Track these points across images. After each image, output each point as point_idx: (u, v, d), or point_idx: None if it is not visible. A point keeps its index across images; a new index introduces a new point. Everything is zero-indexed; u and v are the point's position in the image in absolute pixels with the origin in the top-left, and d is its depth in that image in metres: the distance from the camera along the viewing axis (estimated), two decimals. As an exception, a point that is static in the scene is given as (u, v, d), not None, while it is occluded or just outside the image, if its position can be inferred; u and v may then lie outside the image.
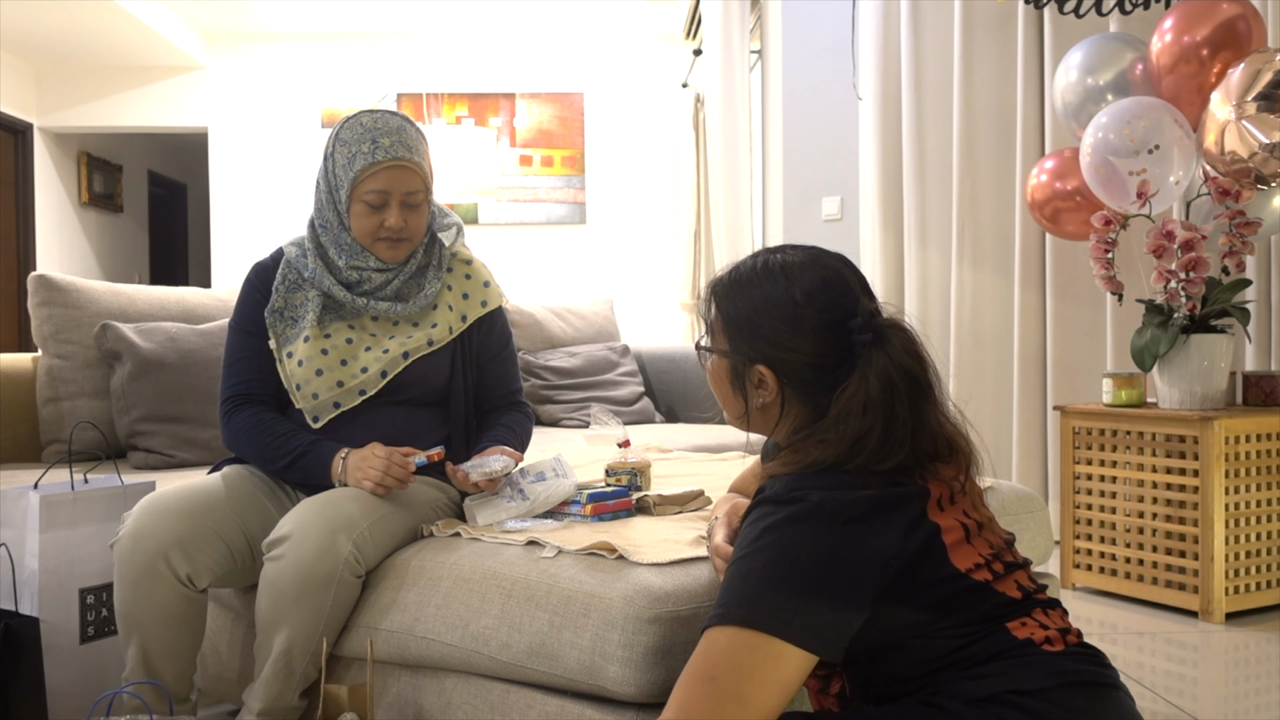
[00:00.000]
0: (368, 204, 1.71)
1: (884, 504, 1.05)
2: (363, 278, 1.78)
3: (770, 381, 1.17)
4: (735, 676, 0.97)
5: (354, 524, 1.56)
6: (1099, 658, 1.08)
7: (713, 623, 1.01)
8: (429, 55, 6.96)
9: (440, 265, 1.85)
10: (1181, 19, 2.73)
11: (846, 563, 1.01)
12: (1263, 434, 2.69)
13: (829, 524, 1.02)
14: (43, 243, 6.91)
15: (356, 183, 1.70)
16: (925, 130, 3.86)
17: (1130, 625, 2.63)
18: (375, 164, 1.69)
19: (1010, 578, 1.10)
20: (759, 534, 1.04)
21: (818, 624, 0.99)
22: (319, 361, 1.74)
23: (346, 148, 1.71)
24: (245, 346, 1.80)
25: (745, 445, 1.28)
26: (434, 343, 1.80)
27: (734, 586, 1.02)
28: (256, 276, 1.83)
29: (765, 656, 0.98)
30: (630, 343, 4.08)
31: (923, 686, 1.05)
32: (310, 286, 1.78)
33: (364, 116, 1.72)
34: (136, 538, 1.57)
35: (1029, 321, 3.57)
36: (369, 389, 1.74)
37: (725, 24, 4.97)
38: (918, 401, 1.10)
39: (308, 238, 1.81)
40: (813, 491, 1.04)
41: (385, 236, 1.74)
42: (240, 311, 1.83)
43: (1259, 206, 2.76)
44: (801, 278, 1.17)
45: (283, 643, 1.53)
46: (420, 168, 1.73)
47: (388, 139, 1.69)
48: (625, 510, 1.72)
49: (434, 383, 1.81)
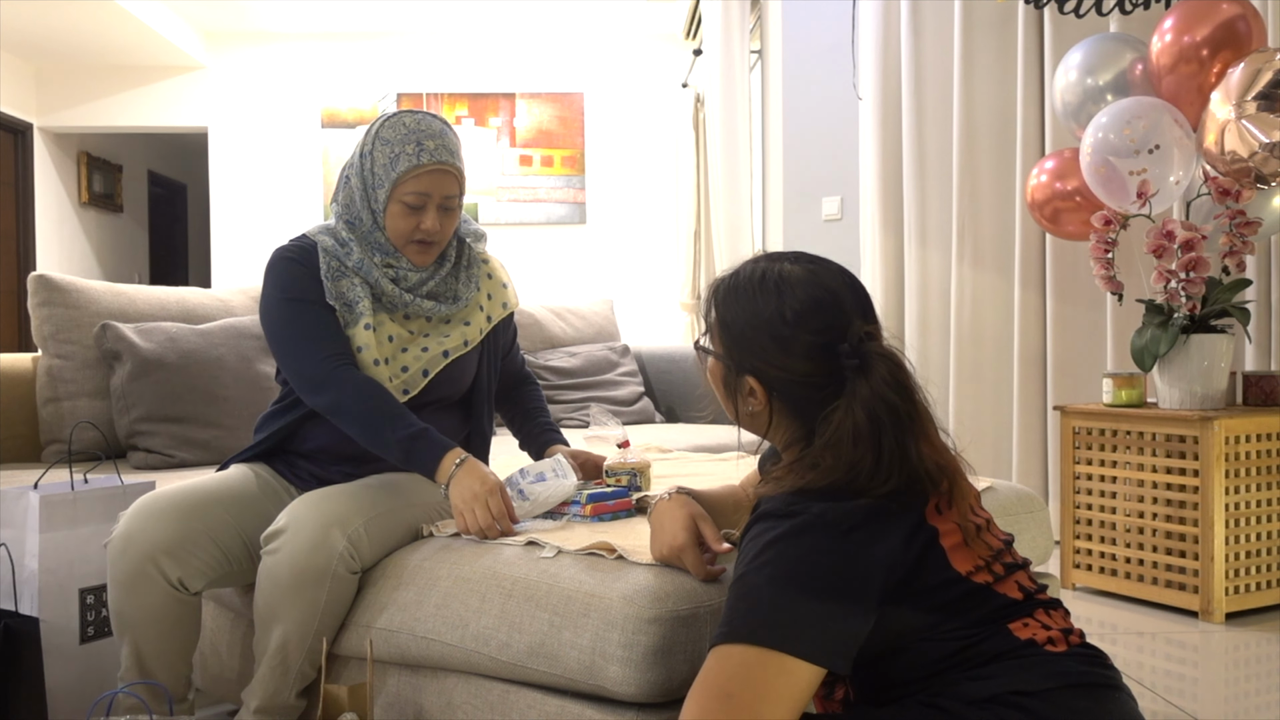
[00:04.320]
0: (406, 205, 1.69)
1: (883, 511, 1.05)
2: (400, 275, 1.76)
3: (759, 393, 1.17)
4: (751, 695, 0.97)
5: (348, 519, 1.56)
6: (1102, 659, 1.08)
7: (720, 640, 1.01)
8: (429, 55, 6.96)
9: (470, 266, 1.86)
10: (1181, 19, 2.73)
11: (850, 572, 1.01)
12: (1263, 434, 2.69)
13: (830, 534, 1.02)
14: (43, 243, 6.91)
15: (398, 183, 1.68)
16: (925, 130, 3.86)
17: (1130, 625, 2.63)
18: (419, 166, 1.67)
19: (1011, 579, 1.10)
20: (761, 549, 1.04)
21: (825, 637, 0.99)
22: (376, 351, 1.70)
23: (389, 147, 1.68)
24: (320, 319, 1.68)
25: (740, 446, 1.28)
26: (469, 343, 1.81)
27: (740, 603, 1.02)
28: (298, 254, 1.72)
29: (777, 672, 0.97)
30: (630, 343, 4.08)
31: (925, 688, 1.05)
32: (353, 274, 1.73)
33: (406, 117, 1.70)
34: (127, 540, 1.57)
35: (1029, 321, 3.57)
36: (412, 388, 1.73)
37: (725, 24, 4.97)
38: (900, 434, 1.08)
39: (343, 230, 1.75)
40: (812, 504, 1.04)
41: (419, 239, 1.72)
42: (296, 285, 1.69)
43: (1259, 206, 2.76)
44: (795, 296, 1.16)
45: (278, 638, 1.53)
46: (460, 173, 1.73)
47: (432, 142, 1.67)
48: (625, 510, 1.72)
49: (461, 384, 1.82)
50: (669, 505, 1.37)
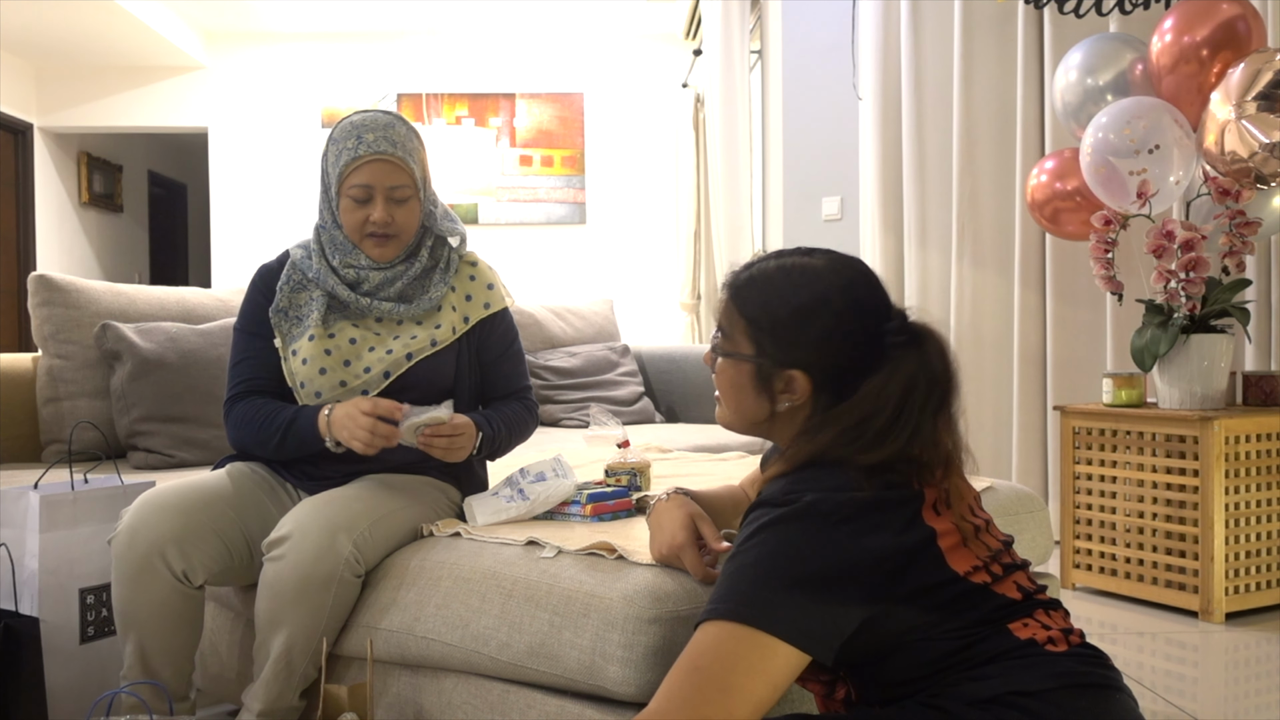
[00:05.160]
0: (353, 198, 1.73)
1: (876, 506, 1.05)
2: (361, 277, 1.79)
3: (802, 385, 1.16)
4: (719, 667, 0.98)
5: (354, 524, 1.56)
6: (1102, 659, 1.08)
7: (703, 618, 1.03)
8: (429, 55, 6.96)
9: (447, 268, 1.86)
10: (1181, 19, 2.73)
11: (835, 561, 1.02)
12: (1263, 434, 2.69)
13: (820, 523, 1.03)
14: (43, 243, 6.91)
15: (343, 178, 1.73)
16: (925, 130, 3.86)
17: (1130, 625, 2.63)
18: (358, 158, 1.71)
19: (1009, 579, 1.10)
20: (752, 533, 1.05)
21: (804, 620, 1.00)
22: (323, 360, 1.74)
23: (336, 145, 1.74)
24: (248, 346, 1.81)
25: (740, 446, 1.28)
26: (437, 343, 1.80)
27: (725, 583, 1.04)
28: (261, 279, 1.85)
29: (751, 648, 0.99)
30: (630, 343, 4.08)
31: (926, 688, 1.05)
32: (315, 286, 1.79)
33: (355, 115, 1.76)
34: (133, 533, 1.58)
35: (1029, 321, 3.57)
36: (371, 389, 1.75)
37: (725, 24, 4.97)
38: (928, 405, 1.10)
39: (312, 240, 1.83)
40: (806, 493, 1.05)
41: (372, 232, 1.75)
42: (245, 313, 1.84)
43: (1259, 206, 2.76)
44: (836, 280, 1.16)
45: (283, 643, 1.53)
46: (405, 163, 1.73)
47: (371, 134, 1.71)
48: (625, 510, 1.72)
49: (439, 384, 1.81)
50: (667, 505, 1.37)
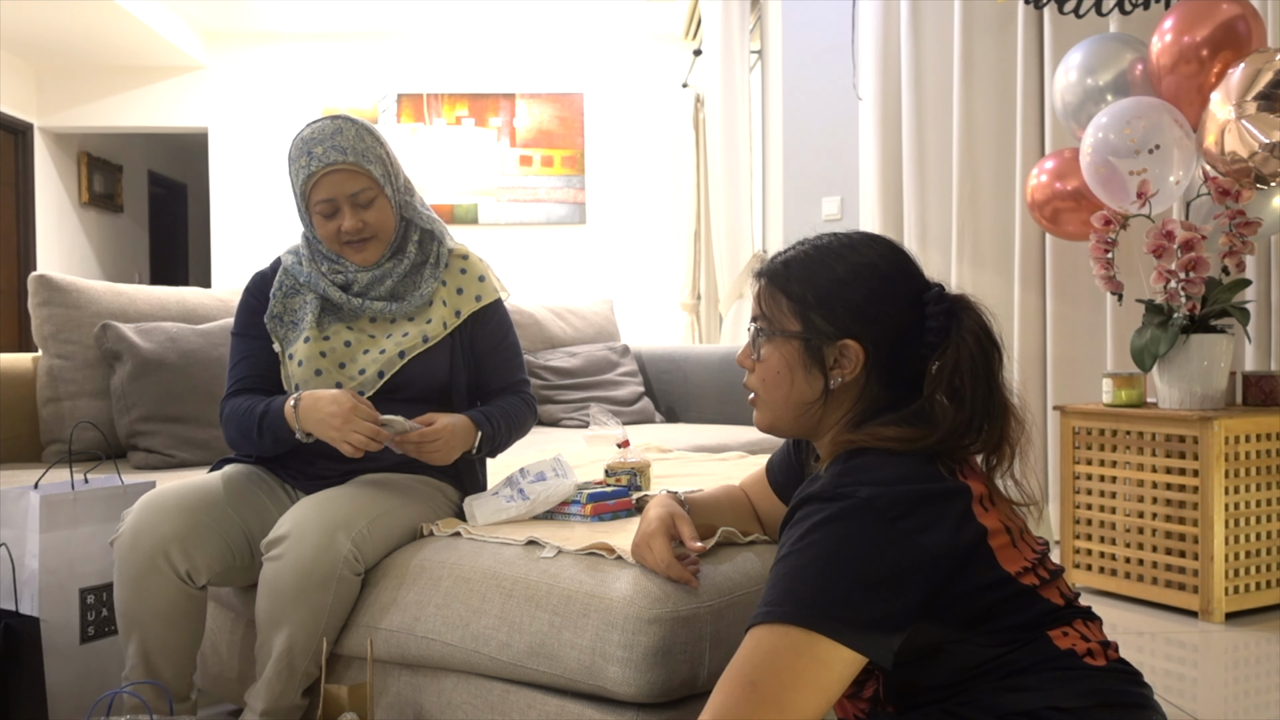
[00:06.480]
0: (321, 214, 1.74)
1: (932, 498, 1.01)
2: (351, 279, 1.79)
3: (856, 355, 1.11)
4: (776, 682, 0.93)
5: (353, 522, 1.56)
6: (1136, 676, 1.06)
7: (757, 620, 0.97)
8: (429, 55, 6.96)
9: (437, 263, 1.85)
10: (1181, 19, 2.73)
11: (896, 561, 0.97)
12: (1263, 434, 2.69)
13: (878, 521, 0.98)
14: (43, 243, 6.91)
15: (307, 197, 1.74)
16: (925, 130, 3.86)
17: (1130, 625, 2.63)
18: (312, 175, 1.71)
19: (1054, 584, 1.07)
20: (806, 531, 1.00)
21: (867, 624, 0.95)
22: (318, 363, 1.75)
23: (294, 165, 1.74)
24: (244, 349, 1.82)
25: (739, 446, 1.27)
26: (429, 339, 1.80)
27: (779, 584, 0.98)
28: (255, 285, 1.86)
29: (810, 659, 0.94)
30: (630, 343, 4.08)
31: (958, 693, 1.02)
32: (307, 290, 1.80)
33: (304, 130, 1.74)
34: (136, 534, 1.58)
35: (1029, 321, 3.57)
36: (367, 389, 1.75)
37: (725, 24, 4.97)
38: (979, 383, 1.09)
39: (302, 245, 1.84)
40: (860, 487, 1.00)
41: (347, 240, 1.76)
42: (240, 319, 1.85)
43: (1259, 206, 2.76)
44: (874, 248, 1.17)
45: (284, 642, 1.53)
46: (359, 166, 1.71)
47: (320, 147, 1.70)
48: (625, 510, 1.72)
49: (433, 380, 1.81)
50: (649, 505, 1.37)
